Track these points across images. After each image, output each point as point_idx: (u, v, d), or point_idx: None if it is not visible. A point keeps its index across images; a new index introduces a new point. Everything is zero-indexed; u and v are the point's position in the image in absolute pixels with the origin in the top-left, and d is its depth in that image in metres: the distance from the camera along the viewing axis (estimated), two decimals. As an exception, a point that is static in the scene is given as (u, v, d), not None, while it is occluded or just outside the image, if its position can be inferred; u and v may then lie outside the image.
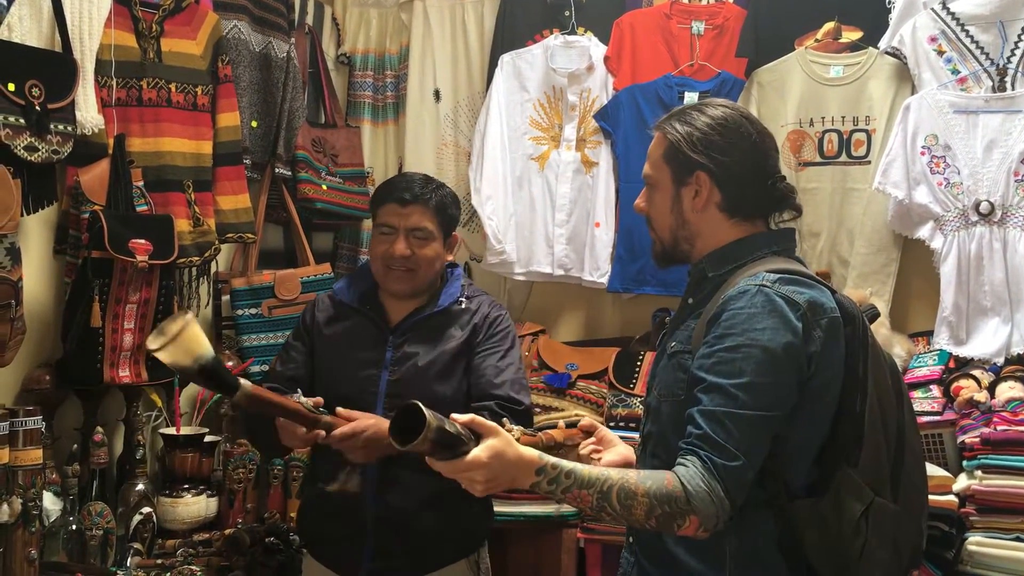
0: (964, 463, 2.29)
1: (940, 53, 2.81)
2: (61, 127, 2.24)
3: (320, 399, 1.89)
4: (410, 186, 2.20)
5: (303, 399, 1.82)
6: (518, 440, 1.57)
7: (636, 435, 1.89)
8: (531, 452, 1.42)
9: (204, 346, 1.61)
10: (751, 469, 1.43)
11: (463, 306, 2.22)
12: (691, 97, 3.05)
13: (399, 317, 2.20)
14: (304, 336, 2.28)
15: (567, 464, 1.42)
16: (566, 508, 2.65)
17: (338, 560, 2.17)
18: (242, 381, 1.66)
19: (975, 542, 2.16)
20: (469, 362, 2.17)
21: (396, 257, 2.15)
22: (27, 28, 2.24)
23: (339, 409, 1.90)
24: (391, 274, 2.18)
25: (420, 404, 1.35)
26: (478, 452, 1.38)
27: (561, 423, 1.89)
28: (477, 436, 1.41)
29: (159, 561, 2.33)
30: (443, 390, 2.13)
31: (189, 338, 1.59)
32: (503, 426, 1.59)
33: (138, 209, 2.48)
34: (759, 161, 1.61)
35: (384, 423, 1.88)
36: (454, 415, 1.41)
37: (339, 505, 2.06)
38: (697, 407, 1.45)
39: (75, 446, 2.35)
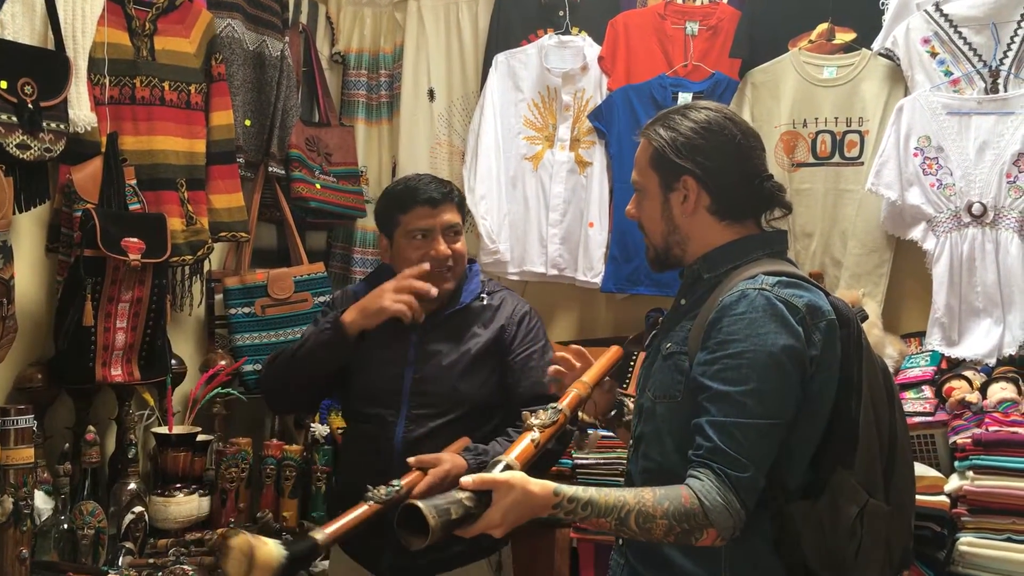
0: (956, 464, 2.30)
1: (933, 55, 2.81)
2: (54, 125, 2.24)
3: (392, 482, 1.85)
4: (431, 186, 2.18)
5: (376, 493, 1.77)
6: (537, 443, 1.57)
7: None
8: (545, 489, 1.44)
9: (276, 553, 1.57)
10: (762, 477, 1.45)
11: (485, 302, 2.23)
12: (685, 98, 3.05)
13: (420, 315, 2.18)
14: None
15: (583, 495, 1.44)
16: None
17: (362, 554, 2.18)
18: (316, 537, 1.63)
19: (966, 543, 2.16)
20: (502, 361, 2.18)
21: (441, 259, 2.14)
22: (20, 25, 2.23)
23: (410, 460, 1.92)
24: (431, 277, 2.14)
25: (420, 505, 1.38)
26: (492, 515, 1.42)
27: (573, 392, 1.79)
28: (488, 493, 1.43)
29: (151, 560, 2.32)
30: (466, 388, 2.15)
31: (261, 558, 1.56)
32: (524, 420, 1.61)
33: (131, 208, 2.48)
34: (745, 162, 1.61)
35: (459, 460, 1.95)
36: (463, 479, 1.44)
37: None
38: (706, 417, 1.46)
39: (67, 445, 2.34)
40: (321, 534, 1.64)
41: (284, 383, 2.24)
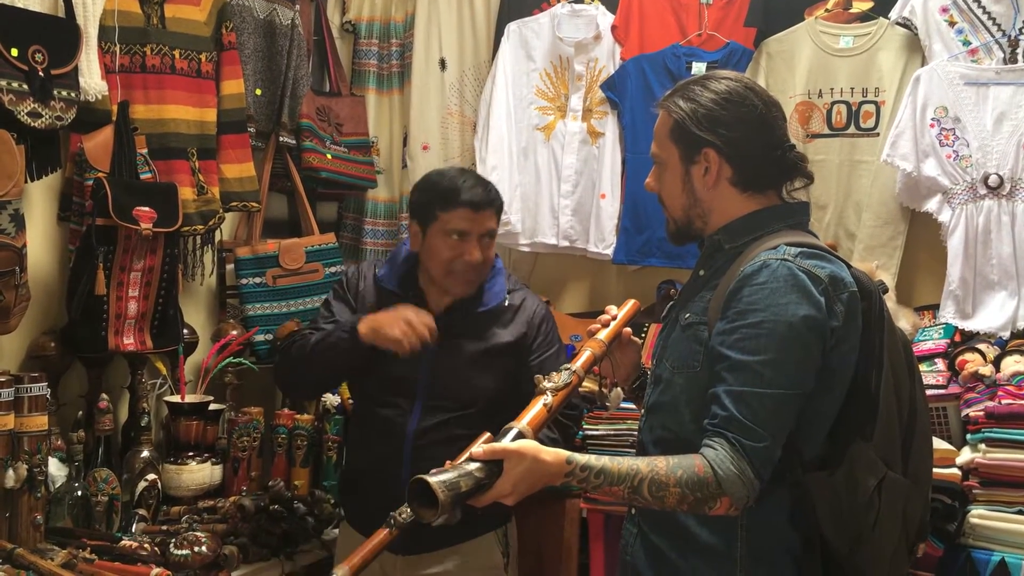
0: (968, 436, 2.29)
1: (951, 24, 2.78)
2: (64, 93, 2.23)
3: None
4: (477, 189, 2.12)
5: (398, 519, 1.70)
6: (550, 407, 1.57)
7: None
8: (558, 458, 1.44)
9: None
10: (778, 447, 1.44)
11: (507, 303, 2.22)
12: (699, 67, 3.02)
13: (440, 305, 2.18)
14: (350, 301, 2.27)
15: (596, 463, 1.44)
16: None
17: (373, 530, 2.19)
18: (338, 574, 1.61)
19: (977, 515, 2.15)
20: (519, 362, 2.18)
21: (473, 264, 2.11)
22: (30, -8, 2.22)
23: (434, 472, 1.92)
24: (455, 277, 2.14)
25: (429, 480, 1.38)
26: (503, 485, 1.42)
27: (588, 351, 1.77)
28: (499, 462, 1.43)
29: (164, 527, 2.34)
30: (482, 384, 2.16)
31: None
32: (536, 384, 1.60)
33: (142, 177, 2.47)
34: (767, 132, 1.59)
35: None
36: (474, 449, 1.44)
37: (380, 479, 2.13)
38: (723, 386, 1.45)
39: (80, 413, 2.36)
40: (343, 569, 1.63)
41: (301, 377, 2.28)
